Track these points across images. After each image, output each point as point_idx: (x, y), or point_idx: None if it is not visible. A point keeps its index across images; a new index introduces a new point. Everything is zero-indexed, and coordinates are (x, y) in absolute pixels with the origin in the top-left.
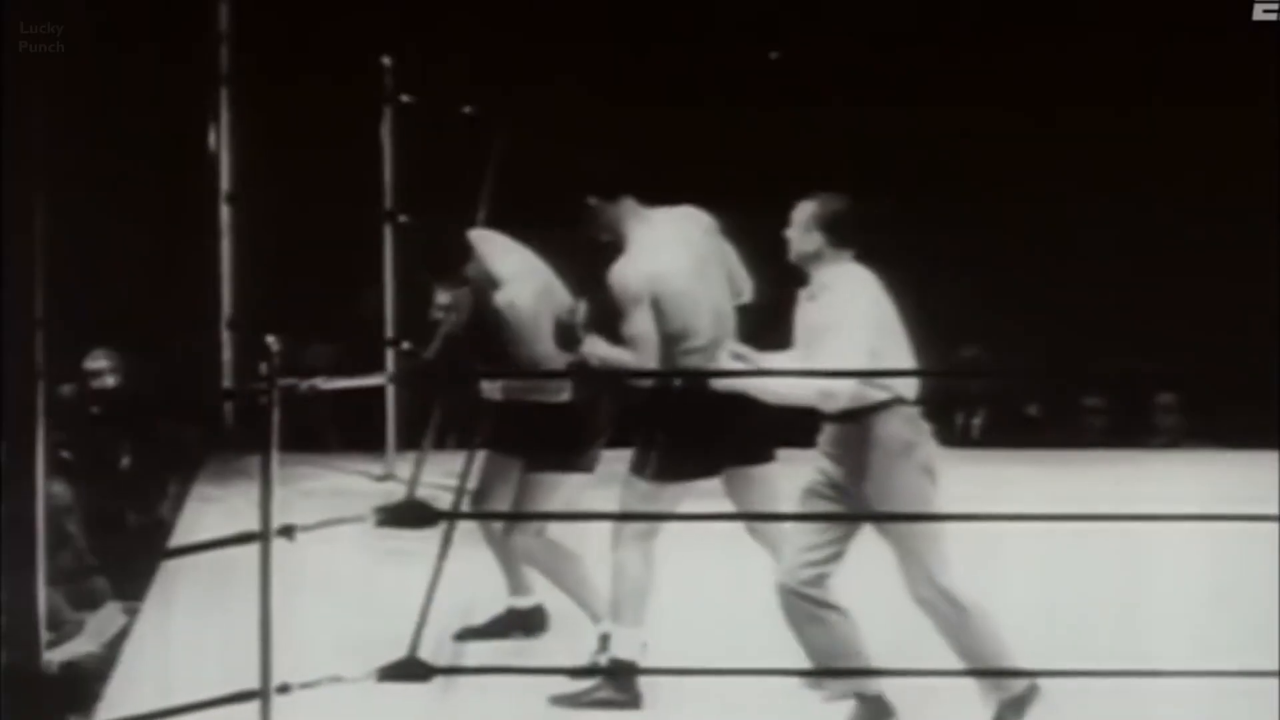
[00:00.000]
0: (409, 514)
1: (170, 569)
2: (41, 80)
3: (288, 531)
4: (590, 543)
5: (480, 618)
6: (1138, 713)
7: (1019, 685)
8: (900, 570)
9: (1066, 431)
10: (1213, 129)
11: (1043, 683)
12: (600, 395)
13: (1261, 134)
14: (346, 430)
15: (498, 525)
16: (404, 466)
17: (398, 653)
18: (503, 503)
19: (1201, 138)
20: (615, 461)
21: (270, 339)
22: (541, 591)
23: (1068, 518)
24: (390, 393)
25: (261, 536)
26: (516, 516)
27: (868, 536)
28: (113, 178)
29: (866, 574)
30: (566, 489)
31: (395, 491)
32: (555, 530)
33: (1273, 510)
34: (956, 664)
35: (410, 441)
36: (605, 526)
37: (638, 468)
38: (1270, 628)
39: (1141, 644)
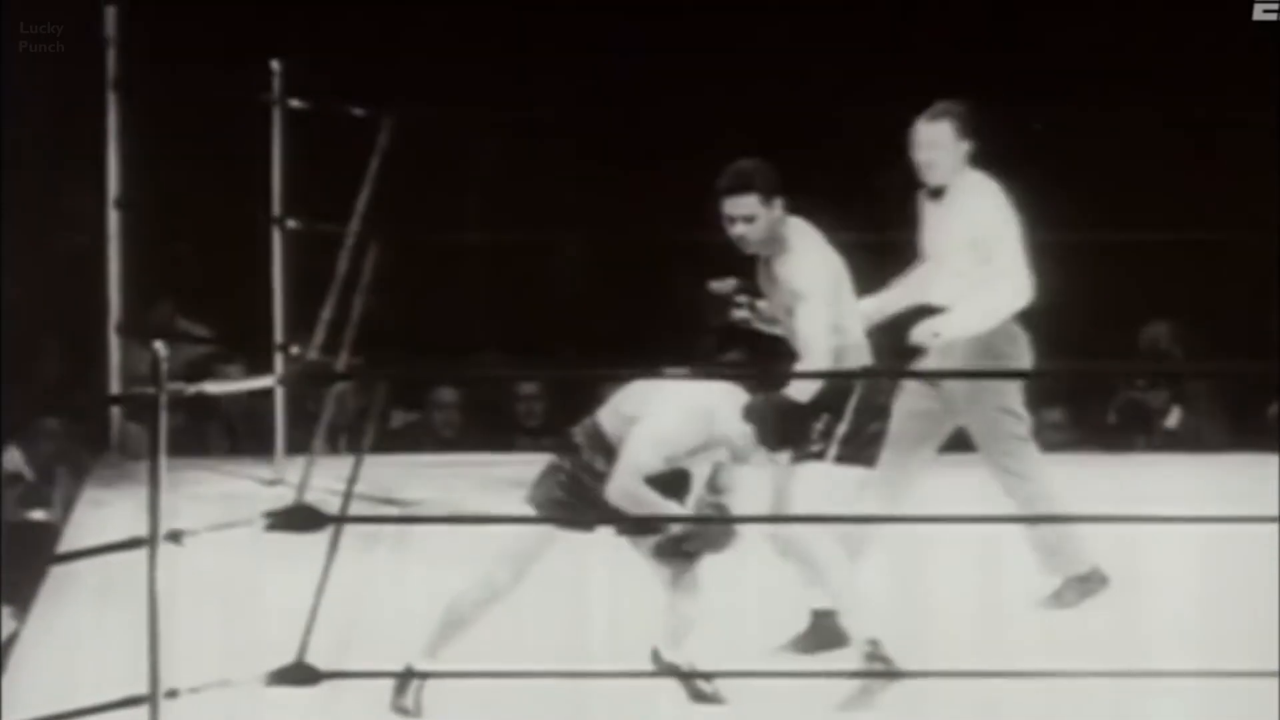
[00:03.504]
0: (298, 518)
1: (58, 574)
2: None
3: (176, 536)
4: None
5: (368, 623)
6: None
7: (1084, 567)
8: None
9: None
10: (1212, 129)
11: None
12: None
13: (1261, 134)
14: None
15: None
16: (293, 470)
17: (286, 657)
18: None
19: (1200, 138)
20: None
21: (158, 344)
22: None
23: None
24: (279, 396)
25: (150, 541)
26: (413, 520)
27: None
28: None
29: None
30: None
31: (284, 496)
32: None
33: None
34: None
35: (299, 445)
36: None
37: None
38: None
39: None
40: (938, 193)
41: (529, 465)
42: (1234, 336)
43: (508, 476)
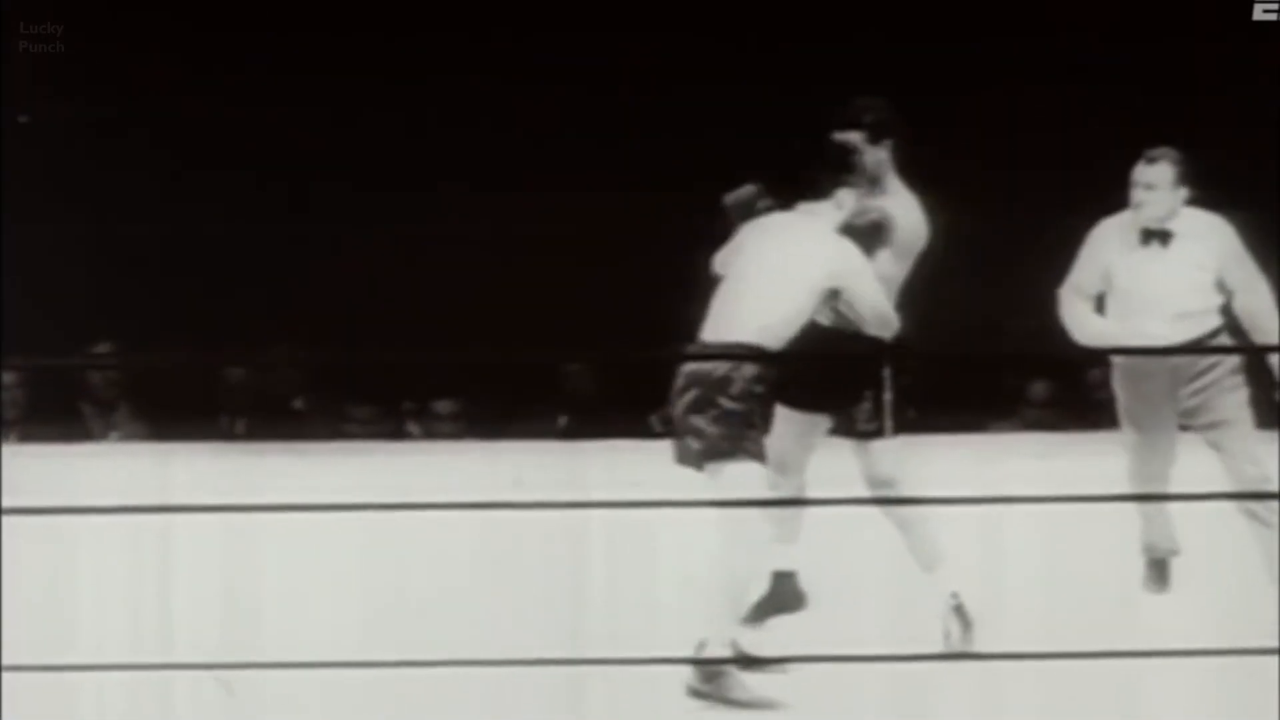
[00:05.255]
0: None
1: None
2: None
3: None
4: None
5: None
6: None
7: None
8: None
9: (329, 425)
10: (1212, 129)
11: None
12: None
13: (1261, 134)
14: None
15: None
16: None
17: None
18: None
19: (1201, 138)
20: None
21: None
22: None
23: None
24: None
25: None
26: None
27: None
28: None
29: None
30: None
31: None
32: None
33: None
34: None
35: None
36: None
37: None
38: None
39: None
40: (1158, 235)
41: None
42: None
43: None
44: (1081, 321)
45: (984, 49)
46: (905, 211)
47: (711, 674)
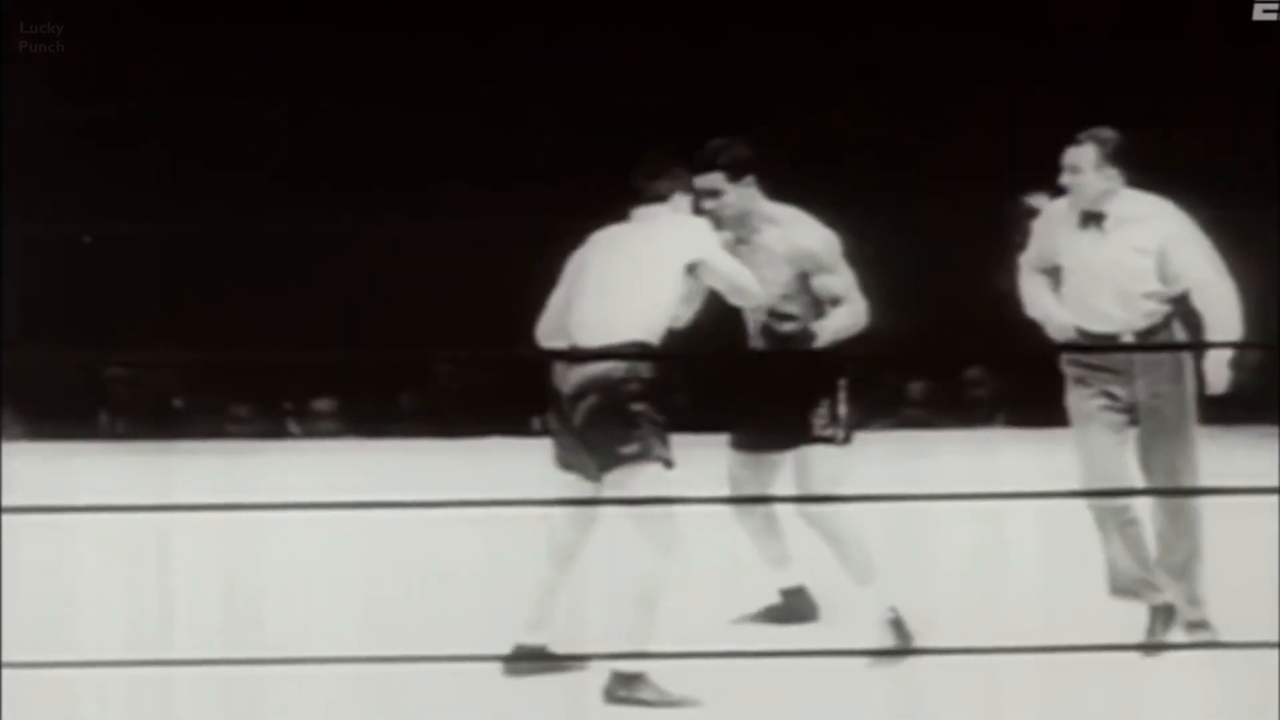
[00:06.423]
0: None
1: None
2: None
3: None
4: None
5: None
6: None
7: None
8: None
9: (211, 424)
10: (1212, 129)
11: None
12: None
13: (1261, 135)
14: None
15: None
16: None
17: None
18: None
19: (1200, 138)
20: None
21: None
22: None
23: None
24: None
25: None
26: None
27: None
28: None
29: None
30: None
31: None
32: None
33: None
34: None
35: None
36: None
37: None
38: None
39: None
40: (1094, 217)
41: None
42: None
43: None
44: (1034, 296)
45: (985, 49)
46: (806, 229)
47: (626, 679)
